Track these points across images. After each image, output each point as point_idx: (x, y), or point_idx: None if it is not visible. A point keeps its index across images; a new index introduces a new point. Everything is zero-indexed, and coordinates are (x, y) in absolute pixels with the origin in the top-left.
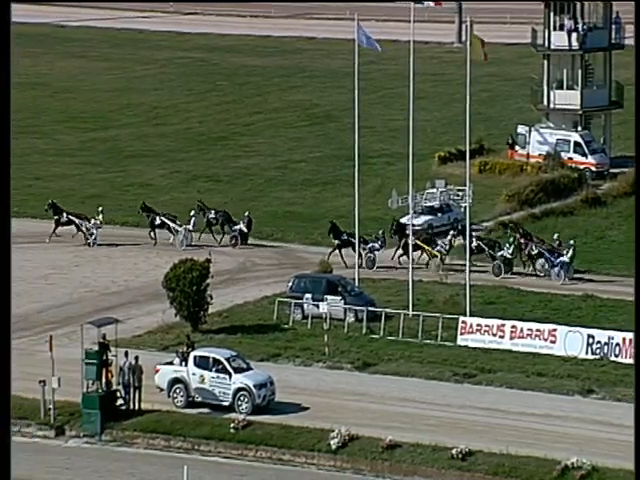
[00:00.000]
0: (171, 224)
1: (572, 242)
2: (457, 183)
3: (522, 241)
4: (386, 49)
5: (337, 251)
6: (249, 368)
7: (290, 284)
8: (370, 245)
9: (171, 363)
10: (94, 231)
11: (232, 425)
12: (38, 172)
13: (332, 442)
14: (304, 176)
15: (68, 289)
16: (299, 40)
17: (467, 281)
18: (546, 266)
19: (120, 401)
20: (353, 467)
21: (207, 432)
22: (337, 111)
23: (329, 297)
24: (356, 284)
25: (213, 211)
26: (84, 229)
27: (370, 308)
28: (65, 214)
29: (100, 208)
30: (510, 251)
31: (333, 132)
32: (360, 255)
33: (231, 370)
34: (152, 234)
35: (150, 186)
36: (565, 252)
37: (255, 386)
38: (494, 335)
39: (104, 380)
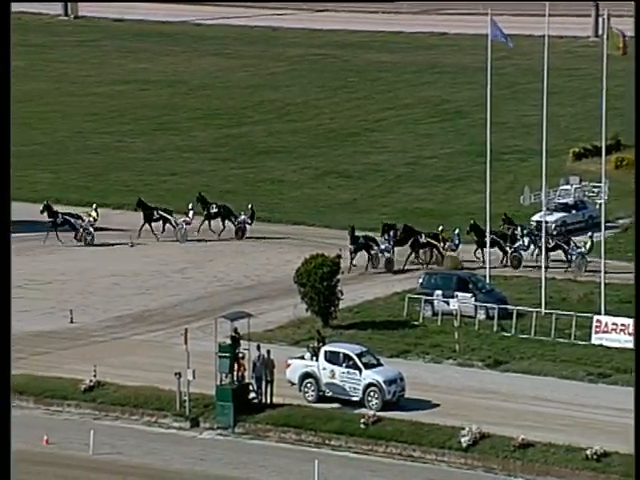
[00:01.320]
0: (171, 218)
1: (589, 234)
2: (592, 179)
3: (536, 233)
4: (518, 44)
5: (350, 255)
6: (379, 364)
7: (420, 281)
8: (384, 246)
9: (302, 358)
10: (91, 229)
11: (362, 420)
12: (174, 168)
13: (463, 440)
14: (435, 172)
15: (203, 283)
16: (431, 36)
17: (602, 279)
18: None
19: (252, 394)
20: (484, 465)
21: (337, 427)
22: (468, 107)
23: (460, 294)
24: (487, 281)
25: (214, 205)
26: (80, 228)
27: (501, 306)
28: (60, 215)
29: (94, 205)
30: (526, 243)
31: (464, 128)
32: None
33: (361, 366)
34: (151, 228)
35: (281, 182)
36: (583, 244)
37: (385, 382)
38: (630, 335)
39: (237, 373)
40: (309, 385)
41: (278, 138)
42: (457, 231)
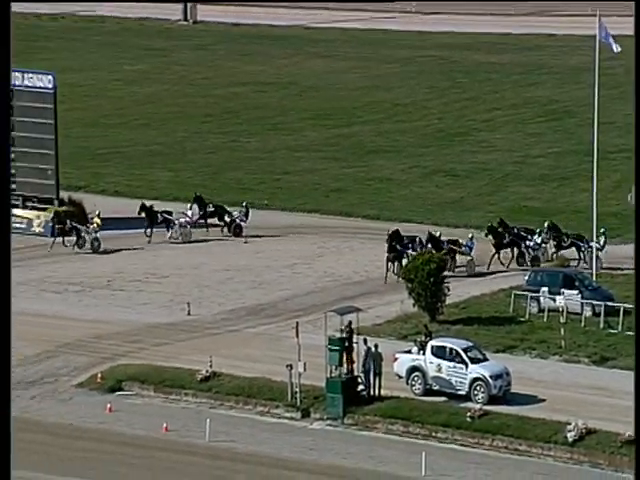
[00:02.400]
0: (172, 219)
1: (603, 230)
2: None
3: (548, 232)
4: (627, 44)
5: (390, 262)
6: (485, 359)
7: (527, 277)
8: (415, 254)
9: (409, 352)
10: (97, 235)
11: (468, 414)
12: (286, 167)
13: (569, 435)
14: (542, 171)
15: (313, 278)
16: (538, 37)
17: None
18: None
19: (361, 387)
20: (590, 461)
21: (444, 420)
22: (576, 107)
23: (566, 291)
24: (593, 279)
25: (211, 205)
26: (85, 235)
27: (608, 303)
28: (69, 222)
29: (97, 211)
30: (539, 241)
31: (572, 128)
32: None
33: (467, 360)
34: (148, 231)
35: (390, 180)
36: (597, 240)
37: (491, 376)
38: None
39: (347, 366)
40: (416, 378)
41: (387, 138)
42: (470, 235)
